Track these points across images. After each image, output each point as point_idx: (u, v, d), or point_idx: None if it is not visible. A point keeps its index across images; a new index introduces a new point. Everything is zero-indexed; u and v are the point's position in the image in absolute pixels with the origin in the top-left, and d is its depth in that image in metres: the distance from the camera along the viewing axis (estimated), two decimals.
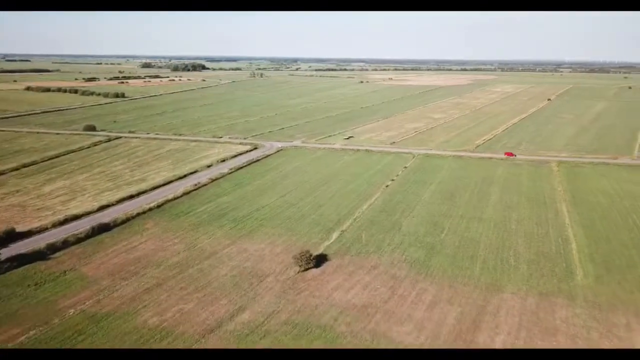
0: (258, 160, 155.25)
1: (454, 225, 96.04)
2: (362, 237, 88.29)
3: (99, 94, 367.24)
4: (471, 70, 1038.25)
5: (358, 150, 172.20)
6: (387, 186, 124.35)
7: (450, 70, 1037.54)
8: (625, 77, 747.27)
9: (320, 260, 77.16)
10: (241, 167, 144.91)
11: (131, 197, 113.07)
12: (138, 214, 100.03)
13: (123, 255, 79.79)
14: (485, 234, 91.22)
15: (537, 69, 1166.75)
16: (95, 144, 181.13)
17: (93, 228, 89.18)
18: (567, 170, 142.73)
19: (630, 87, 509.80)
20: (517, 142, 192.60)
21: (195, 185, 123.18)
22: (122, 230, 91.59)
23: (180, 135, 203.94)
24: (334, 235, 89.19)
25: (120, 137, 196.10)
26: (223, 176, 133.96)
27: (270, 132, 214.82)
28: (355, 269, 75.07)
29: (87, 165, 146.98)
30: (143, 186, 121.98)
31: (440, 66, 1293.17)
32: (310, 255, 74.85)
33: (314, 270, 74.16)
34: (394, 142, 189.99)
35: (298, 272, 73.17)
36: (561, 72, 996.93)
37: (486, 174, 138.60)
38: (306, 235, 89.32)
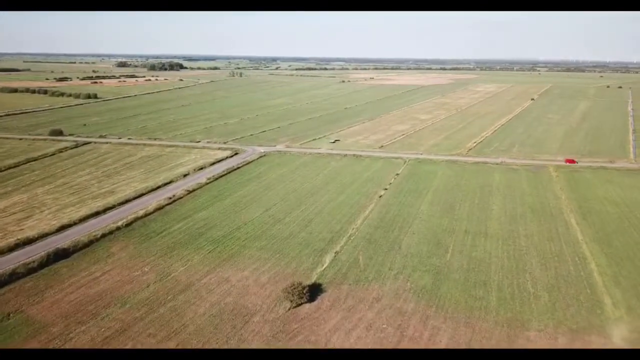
0: (239, 168, 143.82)
1: (459, 242, 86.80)
2: (359, 261, 78.24)
3: (70, 95, 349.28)
4: (450, 69, 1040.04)
5: (345, 155, 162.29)
6: (380, 197, 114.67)
7: (430, 69, 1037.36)
8: (601, 77, 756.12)
9: (313, 291, 66.71)
10: (221, 176, 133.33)
11: (97, 213, 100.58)
12: (103, 235, 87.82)
13: (82, 291, 67.86)
14: (495, 253, 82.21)
15: (515, 67, 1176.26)
16: (61, 151, 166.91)
17: (49, 255, 76.85)
18: (567, 176, 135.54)
19: (608, 86, 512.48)
20: (509, 144, 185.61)
21: (170, 198, 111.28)
22: (83, 256, 79.40)
23: (155, 139, 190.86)
24: (327, 259, 78.86)
25: (90, 143, 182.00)
26: (201, 187, 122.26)
27: (251, 135, 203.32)
28: (355, 303, 64.88)
29: (50, 176, 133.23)
30: (111, 200, 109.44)
31: (420, 65, 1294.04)
32: (303, 288, 64.37)
33: (307, 305, 63.70)
34: (382, 146, 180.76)
35: (289, 309, 62.60)
36: (538, 71, 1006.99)
37: (484, 180, 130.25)
38: (296, 259, 78.75)
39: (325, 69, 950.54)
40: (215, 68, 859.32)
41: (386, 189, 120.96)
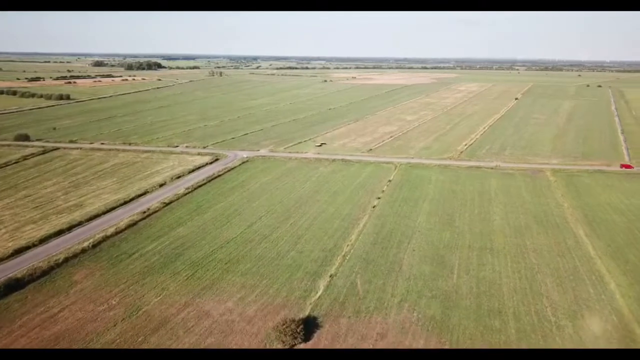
0: (220, 176, 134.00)
1: (464, 260, 79.14)
2: (357, 286, 69.78)
3: (41, 96, 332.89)
4: (431, 68, 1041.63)
5: (334, 160, 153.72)
6: (373, 207, 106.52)
7: (412, 68, 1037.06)
8: (579, 75, 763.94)
9: (308, 328, 57.93)
10: (200, 186, 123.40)
11: (60, 232, 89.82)
12: (66, 260, 77.40)
13: (35, 333, 57.69)
14: (505, 273, 74.76)
15: (494, 67, 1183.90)
16: (26, 158, 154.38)
17: None
18: (565, 181, 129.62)
19: (588, 85, 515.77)
20: (500, 147, 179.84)
21: (144, 212, 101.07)
22: (41, 287, 69.02)
23: (130, 144, 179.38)
24: (322, 284, 70.19)
25: (58, 148, 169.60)
26: (178, 198, 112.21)
27: (232, 138, 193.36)
28: (356, 341, 56.32)
29: (11, 187, 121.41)
30: (77, 216, 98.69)
31: (401, 64, 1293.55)
32: (297, 326, 55.60)
33: (302, 346, 54.89)
34: (370, 150, 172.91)
35: None
36: (517, 70, 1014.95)
37: (480, 187, 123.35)
38: (286, 286, 69.84)
39: (307, 68, 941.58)
40: (195, 67, 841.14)
41: (379, 198, 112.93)
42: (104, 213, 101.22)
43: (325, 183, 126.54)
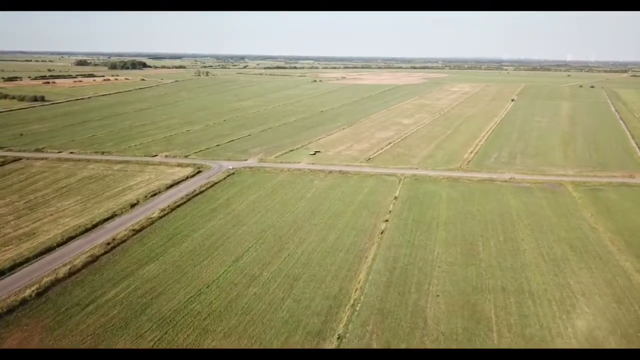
0: (202, 192, 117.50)
1: (501, 310, 64.03)
2: None
3: (14, 97, 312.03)
4: (420, 68, 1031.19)
5: (330, 171, 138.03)
6: (381, 233, 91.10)
7: (401, 68, 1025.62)
8: (569, 75, 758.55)
9: None
10: (179, 205, 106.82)
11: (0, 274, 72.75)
12: None
13: None
14: (555, 329, 59.81)
15: (482, 66, 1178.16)
16: None
17: None
18: (591, 198, 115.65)
19: (581, 86, 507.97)
20: (509, 154, 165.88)
21: (108, 243, 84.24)
22: None
23: (103, 153, 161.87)
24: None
25: (20, 159, 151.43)
26: (152, 223, 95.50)
27: (217, 145, 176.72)
28: None
29: None
30: (25, 250, 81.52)
31: (389, 64, 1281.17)
32: None
33: None
34: (369, 159, 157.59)
35: None
36: (506, 70, 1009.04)
37: (499, 206, 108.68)
38: None
39: (295, 67, 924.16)
40: (181, 67, 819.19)
41: (387, 221, 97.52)
42: (60, 245, 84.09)
43: (323, 201, 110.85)
